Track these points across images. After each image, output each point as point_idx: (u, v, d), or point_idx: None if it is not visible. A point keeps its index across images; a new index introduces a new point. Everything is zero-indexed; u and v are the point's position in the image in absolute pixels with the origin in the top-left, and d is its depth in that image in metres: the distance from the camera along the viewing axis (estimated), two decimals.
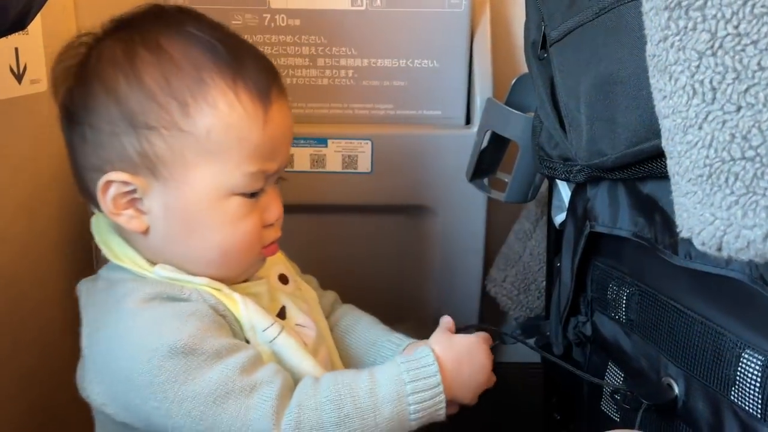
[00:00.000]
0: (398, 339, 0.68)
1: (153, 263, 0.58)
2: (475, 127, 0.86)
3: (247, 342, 0.57)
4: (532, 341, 0.78)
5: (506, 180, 0.79)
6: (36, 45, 0.78)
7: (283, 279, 0.67)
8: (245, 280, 0.62)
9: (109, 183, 0.56)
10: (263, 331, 0.58)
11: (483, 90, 0.88)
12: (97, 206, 0.60)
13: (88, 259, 0.95)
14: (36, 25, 0.77)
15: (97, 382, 0.56)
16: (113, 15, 0.89)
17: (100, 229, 0.62)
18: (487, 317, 0.98)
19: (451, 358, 0.59)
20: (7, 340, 0.76)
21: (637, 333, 0.62)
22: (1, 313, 0.75)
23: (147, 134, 0.55)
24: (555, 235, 0.78)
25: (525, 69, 0.71)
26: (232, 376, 0.53)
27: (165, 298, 0.56)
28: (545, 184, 0.80)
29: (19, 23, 0.55)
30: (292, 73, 0.86)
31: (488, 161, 0.81)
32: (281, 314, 0.63)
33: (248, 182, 0.57)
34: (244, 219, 0.58)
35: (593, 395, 0.70)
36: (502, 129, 0.76)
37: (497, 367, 0.64)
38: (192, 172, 0.56)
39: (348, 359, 0.69)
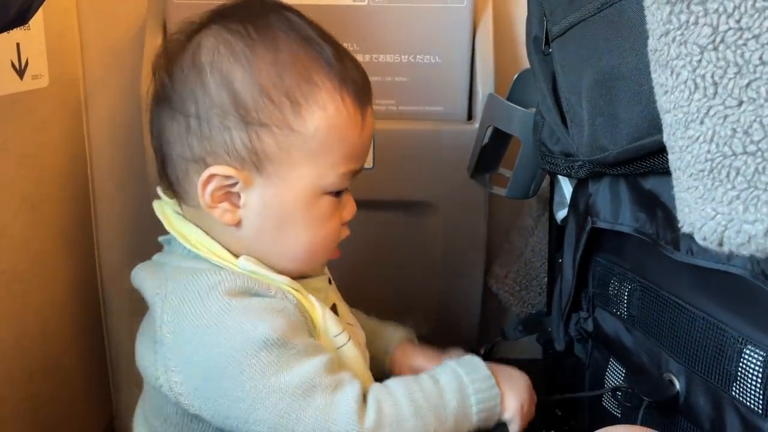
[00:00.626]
0: (394, 324, 0.72)
1: (236, 255, 0.59)
2: (477, 123, 0.85)
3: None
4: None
5: (508, 176, 0.79)
6: (38, 41, 0.78)
7: (329, 280, 0.68)
8: (306, 276, 0.63)
9: (212, 176, 0.57)
10: (335, 336, 0.59)
11: (485, 86, 0.88)
12: (178, 193, 0.60)
13: (90, 254, 0.96)
14: (38, 20, 0.77)
15: (179, 371, 0.55)
16: (115, 11, 0.90)
17: (167, 216, 0.62)
18: (488, 313, 0.98)
19: (491, 366, 0.61)
20: (10, 335, 0.76)
21: (639, 329, 0.62)
22: (4, 308, 0.75)
23: (258, 130, 0.56)
24: (557, 231, 0.78)
25: (527, 64, 0.70)
26: (320, 372, 0.53)
27: (254, 293, 0.56)
28: (547, 179, 0.80)
29: (20, 18, 0.55)
30: None
31: (490, 157, 0.81)
32: (334, 310, 0.64)
33: (340, 181, 0.59)
34: (331, 217, 0.60)
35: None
36: (503, 125, 0.76)
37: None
38: (295, 171, 0.57)
39: None
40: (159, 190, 0.64)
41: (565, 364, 0.76)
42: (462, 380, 0.58)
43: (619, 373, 0.65)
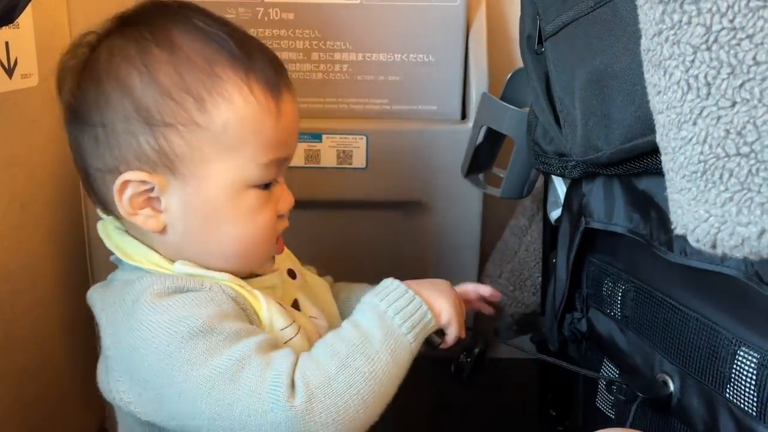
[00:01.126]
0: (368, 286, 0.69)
1: (171, 261, 0.58)
2: (470, 123, 0.85)
3: None
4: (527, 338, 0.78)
5: (501, 176, 0.78)
6: (27, 39, 0.77)
7: (292, 274, 0.67)
8: (258, 275, 0.62)
9: (126, 183, 0.56)
10: (281, 330, 0.58)
11: (478, 85, 0.87)
12: (107, 208, 0.60)
13: (81, 254, 0.95)
14: (27, 19, 0.76)
15: (122, 381, 0.56)
16: (106, 8, 0.89)
17: (108, 233, 0.61)
18: (482, 313, 0.97)
19: (408, 281, 0.60)
20: (0, 337, 0.75)
21: (632, 329, 0.61)
22: None
23: (164, 131, 0.55)
24: (550, 231, 0.77)
25: (521, 63, 0.70)
26: (249, 354, 0.52)
27: (183, 291, 0.55)
28: (541, 179, 0.79)
29: (7, 17, 0.54)
30: (286, 67, 0.85)
31: (484, 157, 0.81)
32: (295, 305, 0.63)
33: (263, 173, 0.57)
34: (261, 211, 0.58)
35: (588, 391, 0.69)
36: (497, 124, 0.75)
37: (494, 363, 0.64)
38: (210, 168, 0.56)
39: None
40: (98, 210, 0.63)
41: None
42: (379, 307, 0.57)
43: (613, 374, 0.65)
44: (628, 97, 0.49)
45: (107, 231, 0.61)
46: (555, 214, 0.74)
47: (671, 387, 0.56)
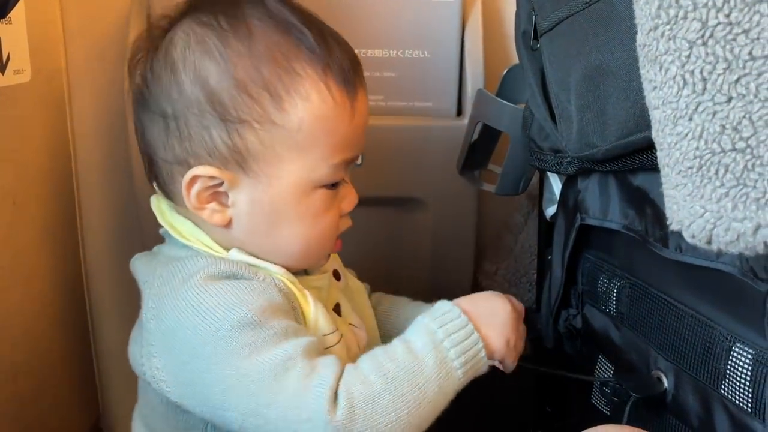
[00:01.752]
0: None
1: (225, 247, 0.57)
2: (466, 119, 0.85)
3: None
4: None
5: (497, 172, 0.78)
6: (19, 35, 0.77)
7: (336, 275, 0.66)
8: (307, 273, 0.62)
9: (195, 178, 0.55)
10: (324, 335, 0.56)
11: (474, 81, 0.87)
12: (168, 194, 0.59)
13: (75, 250, 0.95)
14: (19, 14, 0.76)
15: (158, 357, 0.54)
16: (99, 3, 0.89)
17: (162, 210, 0.60)
18: None
19: (466, 301, 0.57)
20: None
21: (627, 326, 0.61)
22: None
23: (238, 128, 0.54)
24: (546, 228, 0.77)
25: (516, 60, 0.70)
26: (295, 356, 0.50)
27: (237, 277, 0.54)
28: (536, 176, 0.79)
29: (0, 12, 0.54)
30: None
31: (479, 153, 0.81)
32: (337, 310, 0.62)
33: (333, 173, 0.57)
34: (327, 211, 0.58)
35: (583, 388, 0.69)
36: (492, 121, 0.75)
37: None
38: (282, 167, 0.55)
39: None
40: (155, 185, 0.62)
41: (554, 360, 0.76)
42: (436, 335, 0.53)
43: (608, 370, 0.65)
44: (624, 92, 0.48)
45: (161, 208, 0.61)
46: (550, 210, 0.74)
47: (666, 384, 0.56)
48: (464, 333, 0.54)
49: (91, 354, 1.00)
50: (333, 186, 0.58)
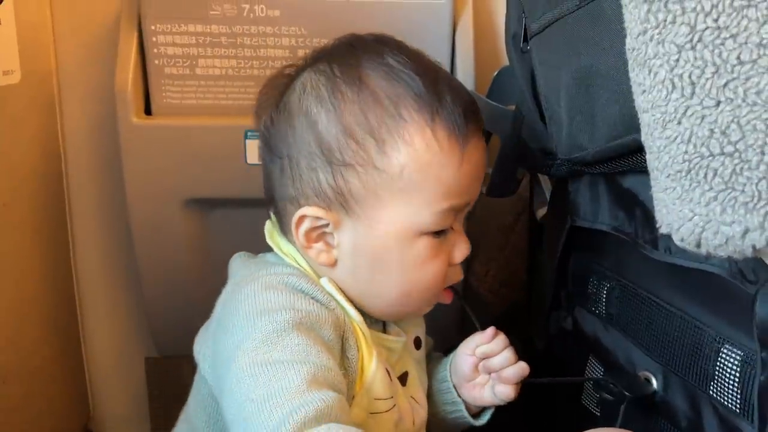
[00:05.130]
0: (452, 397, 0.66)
1: (319, 276, 0.58)
2: None
3: (350, 396, 0.54)
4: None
5: (488, 173, 0.78)
6: (9, 36, 0.76)
7: (417, 343, 0.65)
8: (386, 330, 0.61)
9: (303, 217, 0.56)
10: (376, 399, 0.55)
11: (465, 83, 0.87)
12: (282, 227, 0.61)
13: (65, 253, 0.94)
14: (9, 15, 0.75)
15: (210, 343, 0.56)
16: (88, 5, 0.88)
17: (272, 233, 0.62)
18: (468, 320, 0.98)
19: None
20: None
21: (617, 327, 0.62)
22: None
23: (343, 171, 0.55)
24: (537, 229, 0.77)
25: (507, 61, 0.70)
26: (302, 385, 0.46)
27: (310, 296, 0.54)
28: (527, 177, 0.80)
29: None
30: (272, 64, 0.85)
31: None
32: (403, 378, 0.61)
33: (438, 221, 0.56)
34: (433, 260, 0.57)
35: (574, 389, 0.70)
36: (483, 123, 0.75)
37: None
38: (383, 211, 0.55)
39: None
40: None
41: (544, 362, 0.76)
42: None
43: (598, 372, 0.65)
44: (613, 95, 0.49)
45: (272, 231, 0.62)
46: (541, 212, 0.74)
47: (654, 385, 0.56)
48: None
49: (81, 356, 0.99)
50: (439, 234, 0.57)
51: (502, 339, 0.62)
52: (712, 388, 0.49)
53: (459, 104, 0.56)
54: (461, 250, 0.58)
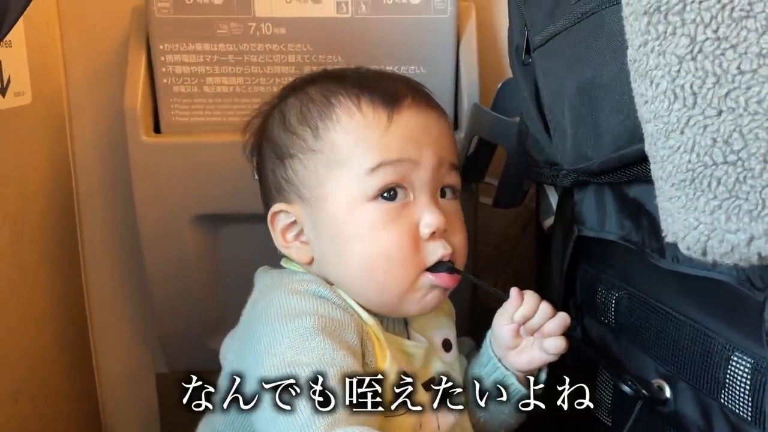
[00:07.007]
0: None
1: (331, 284, 0.59)
2: (462, 133, 0.85)
3: None
4: None
5: (494, 184, 0.79)
6: (20, 58, 0.77)
7: (447, 345, 0.64)
8: (409, 336, 0.61)
9: (274, 215, 0.61)
10: (397, 388, 0.54)
11: (470, 95, 0.88)
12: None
13: (75, 271, 0.95)
14: (19, 37, 0.77)
15: (235, 348, 0.59)
16: (97, 25, 0.90)
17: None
18: (477, 321, 0.98)
19: None
20: None
21: (626, 337, 0.62)
22: None
23: (289, 162, 0.60)
24: (544, 240, 0.78)
25: (510, 74, 0.71)
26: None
27: (331, 302, 0.56)
28: (533, 188, 0.80)
29: None
30: (279, 81, 0.85)
31: (476, 167, 0.81)
32: (428, 385, 0.59)
33: (376, 181, 0.57)
34: (387, 226, 0.57)
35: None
36: (488, 134, 0.76)
37: None
38: (327, 187, 0.58)
39: None
40: None
41: (553, 371, 0.76)
42: None
43: (608, 382, 0.65)
44: (617, 106, 0.49)
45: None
46: (548, 222, 0.74)
47: (666, 393, 0.56)
48: None
49: (92, 373, 1.00)
50: (391, 199, 0.57)
51: (532, 296, 0.61)
52: (723, 396, 0.49)
53: (386, 81, 0.62)
54: (425, 220, 0.57)
